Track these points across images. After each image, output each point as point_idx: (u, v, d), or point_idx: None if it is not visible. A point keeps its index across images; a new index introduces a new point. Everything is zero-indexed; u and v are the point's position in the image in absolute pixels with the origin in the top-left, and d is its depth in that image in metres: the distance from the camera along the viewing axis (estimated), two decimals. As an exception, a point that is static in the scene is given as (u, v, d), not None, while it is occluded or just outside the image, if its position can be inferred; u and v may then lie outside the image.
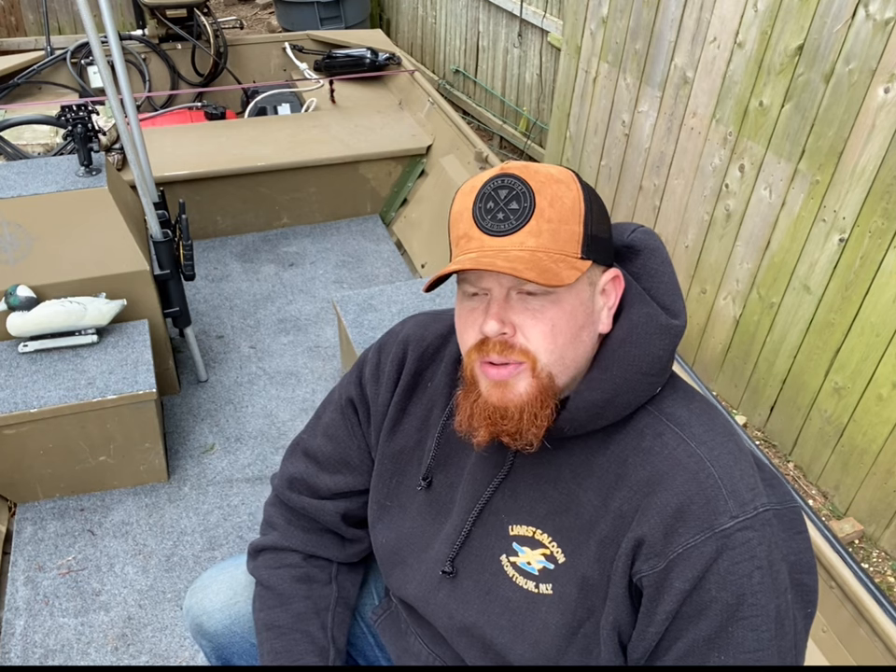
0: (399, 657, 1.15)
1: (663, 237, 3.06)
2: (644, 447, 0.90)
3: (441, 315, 1.14)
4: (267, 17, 6.81)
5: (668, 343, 0.91)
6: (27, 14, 5.77)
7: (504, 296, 0.87)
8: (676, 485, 0.86)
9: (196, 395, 2.48)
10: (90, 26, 1.86)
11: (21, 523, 2.06)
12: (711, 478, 0.85)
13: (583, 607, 0.92)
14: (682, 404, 0.93)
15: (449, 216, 0.93)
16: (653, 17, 2.86)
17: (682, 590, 0.84)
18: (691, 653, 0.85)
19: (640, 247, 0.96)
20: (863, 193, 2.24)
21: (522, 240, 0.85)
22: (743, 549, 0.83)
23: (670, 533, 0.85)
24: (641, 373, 0.90)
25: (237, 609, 1.19)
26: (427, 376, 1.09)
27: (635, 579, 0.88)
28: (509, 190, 0.86)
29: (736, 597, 0.83)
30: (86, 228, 2.15)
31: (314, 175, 3.20)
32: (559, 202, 0.86)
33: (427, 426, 1.08)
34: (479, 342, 0.88)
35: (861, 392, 2.36)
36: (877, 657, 1.37)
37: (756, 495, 0.86)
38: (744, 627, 0.83)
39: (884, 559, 2.43)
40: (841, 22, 2.20)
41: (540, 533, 0.95)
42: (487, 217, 0.86)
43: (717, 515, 0.84)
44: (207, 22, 4.08)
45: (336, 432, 1.16)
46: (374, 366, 1.13)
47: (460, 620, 1.00)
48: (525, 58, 4.42)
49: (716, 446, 0.88)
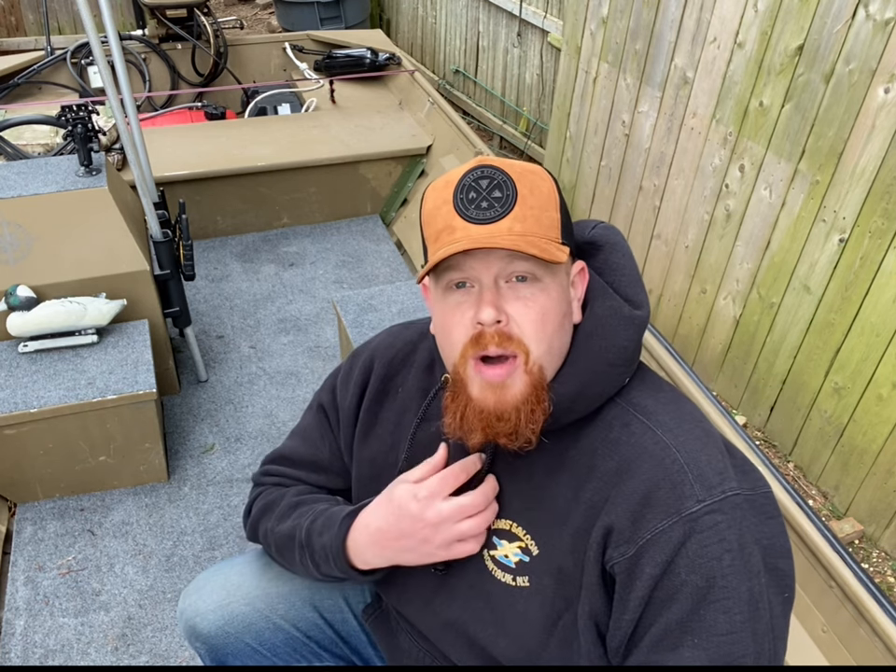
0: (391, 655, 1.16)
1: (663, 237, 3.06)
2: (612, 438, 0.91)
3: (412, 324, 1.16)
4: (267, 17, 6.82)
5: (633, 333, 0.93)
6: (27, 14, 5.77)
7: (493, 283, 0.88)
8: (642, 472, 0.87)
9: (196, 395, 2.48)
10: (90, 26, 1.86)
11: (21, 523, 2.06)
12: (677, 463, 0.86)
13: (560, 597, 0.93)
14: (650, 394, 0.94)
15: (421, 215, 0.93)
16: (653, 17, 2.86)
17: (653, 575, 0.84)
18: (665, 638, 0.85)
19: (602, 243, 0.99)
20: (863, 193, 2.24)
21: (509, 225, 0.86)
22: (711, 532, 0.84)
23: (638, 519, 0.85)
24: (609, 365, 0.92)
25: (230, 610, 1.19)
26: (398, 382, 1.11)
27: (607, 567, 0.88)
28: (490, 180, 0.87)
29: (706, 580, 0.83)
30: (86, 228, 2.15)
31: (314, 175, 3.20)
32: (538, 189, 0.89)
33: (399, 429, 1.09)
34: (474, 336, 0.88)
35: (861, 392, 2.36)
36: (877, 657, 1.37)
37: (724, 479, 0.86)
38: (716, 610, 0.83)
39: (884, 559, 2.43)
40: (841, 23, 2.20)
41: (516, 526, 0.97)
42: (471, 206, 0.87)
43: (683, 500, 0.84)
44: (207, 22, 4.08)
45: (310, 434, 1.19)
46: (346, 373, 1.16)
47: (445, 616, 1.01)
48: (525, 58, 4.42)
49: (682, 433, 0.89)
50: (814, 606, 1.50)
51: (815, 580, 1.49)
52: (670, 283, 3.08)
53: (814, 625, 1.50)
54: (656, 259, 3.12)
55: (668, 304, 3.12)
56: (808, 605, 1.51)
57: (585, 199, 3.50)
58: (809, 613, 1.51)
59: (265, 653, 1.21)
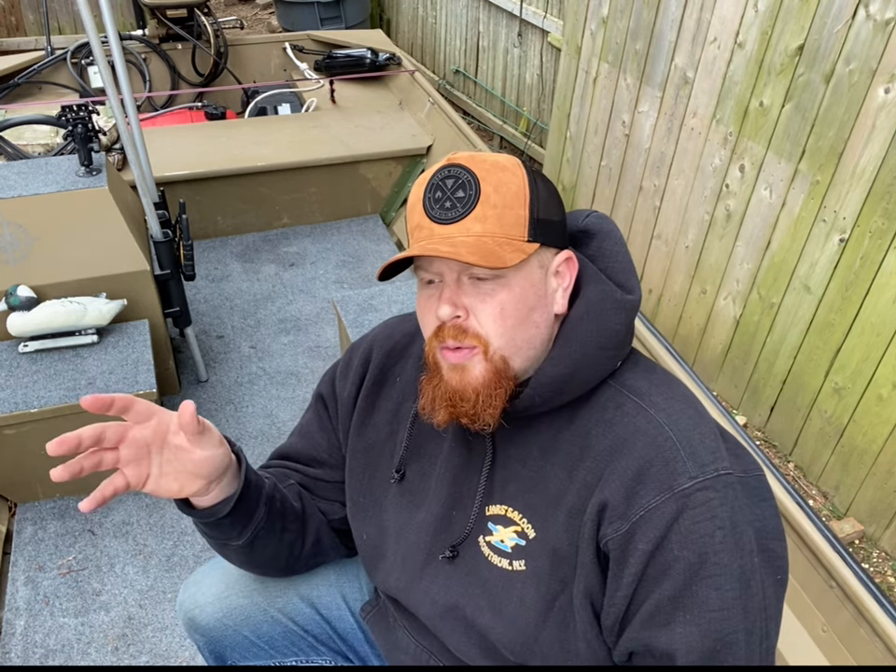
0: (388, 652, 1.16)
1: (663, 237, 3.06)
2: (606, 419, 0.92)
3: (409, 316, 1.17)
4: (267, 17, 6.82)
5: (624, 317, 0.95)
6: (27, 14, 5.77)
7: (455, 280, 0.91)
8: (636, 450, 0.88)
9: (196, 395, 2.48)
10: (90, 26, 1.86)
11: (22, 523, 2.06)
12: (669, 440, 0.87)
13: (556, 578, 0.93)
14: (642, 376, 0.96)
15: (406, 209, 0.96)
16: (654, 17, 2.86)
17: (646, 551, 0.85)
18: (657, 614, 0.86)
19: (595, 231, 1.01)
20: (864, 193, 2.24)
21: (469, 226, 0.89)
22: (703, 508, 0.85)
23: (631, 495, 0.87)
24: (600, 348, 0.93)
25: (229, 603, 1.20)
26: (396, 371, 1.13)
27: (601, 544, 0.89)
28: (455, 180, 0.90)
29: (698, 556, 0.84)
30: (86, 228, 2.15)
31: (314, 175, 3.21)
32: (504, 187, 0.90)
33: (397, 418, 1.11)
34: (437, 328, 0.92)
35: (862, 392, 2.36)
36: (877, 657, 1.37)
37: (717, 458, 0.88)
38: (707, 586, 0.84)
39: (884, 559, 2.43)
40: (841, 23, 2.20)
41: (511, 510, 0.98)
42: (436, 206, 0.90)
43: (676, 476, 0.86)
44: (207, 22, 4.08)
45: (309, 429, 1.20)
46: (345, 364, 1.17)
47: (443, 604, 1.02)
48: (525, 58, 4.42)
49: (674, 412, 0.90)
50: (814, 606, 1.50)
51: (815, 580, 1.49)
52: (670, 283, 3.08)
53: (814, 625, 1.50)
54: (656, 260, 3.12)
55: (668, 304, 3.12)
56: (808, 605, 1.51)
57: (585, 199, 3.50)
58: (809, 613, 1.51)
59: (263, 646, 1.22)
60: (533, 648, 0.95)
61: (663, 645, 0.85)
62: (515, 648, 0.96)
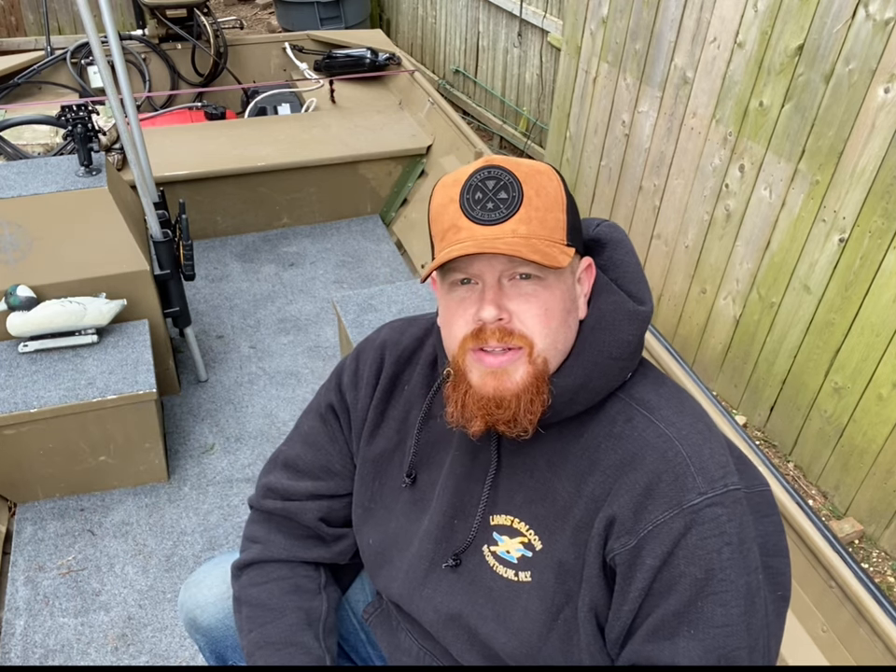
0: (391, 654, 1.16)
1: (663, 237, 3.06)
2: (615, 432, 0.92)
3: (415, 319, 1.16)
4: (267, 17, 6.81)
5: (636, 328, 0.94)
6: (27, 14, 5.77)
7: (496, 282, 0.89)
8: (645, 465, 0.87)
9: (196, 395, 2.48)
10: (90, 26, 1.86)
11: (21, 523, 2.06)
12: (679, 456, 0.87)
13: (561, 592, 0.93)
14: (652, 389, 0.95)
15: (429, 210, 0.94)
16: (653, 17, 2.86)
17: (653, 566, 0.85)
18: (661, 628, 0.85)
19: (606, 240, 1.00)
20: (863, 193, 2.24)
21: (514, 227, 0.87)
22: (712, 525, 0.84)
23: (640, 510, 0.86)
24: (611, 358, 0.92)
25: (230, 603, 1.19)
26: (405, 379, 1.11)
27: (608, 558, 0.89)
28: (496, 181, 0.88)
29: (705, 572, 0.84)
30: (86, 228, 2.15)
31: (314, 175, 3.21)
32: (544, 191, 0.89)
33: (406, 426, 1.09)
34: (474, 331, 0.89)
35: (861, 392, 2.36)
36: (877, 657, 1.37)
37: (726, 473, 0.87)
38: (713, 602, 0.84)
39: (884, 559, 2.43)
40: (841, 22, 2.20)
41: (518, 521, 0.97)
42: (477, 207, 0.88)
43: (685, 492, 0.85)
44: (207, 22, 4.07)
45: (317, 439, 1.16)
46: (353, 372, 1.14)
47: (446, 612, 1.01)
48: (525, 58, 4.42)
49: (684, 427, 0.90)
50: (814, 606, 1.50)
51: (815, 580, 1.49)
52: (670, 283, 3.08)
53: (814, 625, 1.50)
54: (656, 259, 3.12)
55: (668, 304, 3.12)
56: (808, 605, 1.51)
57: (585, 199, 3.50)
58: (809, 613, 1.51)
59: None
60: (536, 659, 0.95)
61: (665, 659, 0.85)
62: (518, 658, 0.96)
